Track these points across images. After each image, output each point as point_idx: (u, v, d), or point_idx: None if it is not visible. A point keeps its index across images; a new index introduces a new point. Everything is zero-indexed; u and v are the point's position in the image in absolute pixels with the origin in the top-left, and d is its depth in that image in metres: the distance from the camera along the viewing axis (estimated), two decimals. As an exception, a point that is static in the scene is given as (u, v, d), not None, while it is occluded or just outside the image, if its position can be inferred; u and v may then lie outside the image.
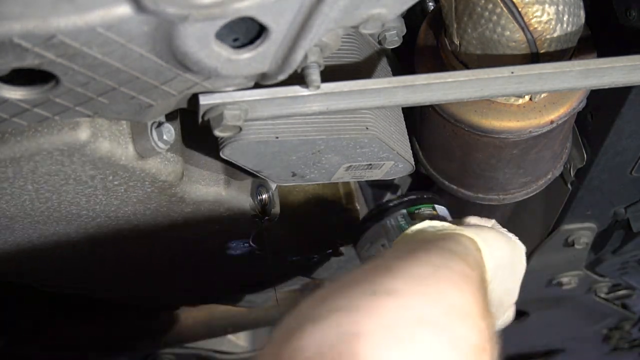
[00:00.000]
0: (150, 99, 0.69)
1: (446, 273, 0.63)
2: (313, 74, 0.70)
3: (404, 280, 0.60)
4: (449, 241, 0.73)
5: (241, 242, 1.07)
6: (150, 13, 0.56)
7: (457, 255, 0.68)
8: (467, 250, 0.72)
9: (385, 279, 0.60)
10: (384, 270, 0.62)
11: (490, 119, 0.95)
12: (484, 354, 0.58)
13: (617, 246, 1.49)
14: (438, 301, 0.59)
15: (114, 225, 0.92)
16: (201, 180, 0.91)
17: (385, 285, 0.59)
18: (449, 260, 0.66)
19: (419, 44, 1.00)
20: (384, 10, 0.67)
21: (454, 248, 0.70)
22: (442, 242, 0.72)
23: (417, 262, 0.64)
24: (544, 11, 0.85)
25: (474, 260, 0.70)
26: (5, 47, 0.55)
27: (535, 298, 1.68)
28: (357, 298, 0.57)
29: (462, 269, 0.65)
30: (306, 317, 0.57)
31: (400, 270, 0.62)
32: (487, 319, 0.61)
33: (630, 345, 2.08)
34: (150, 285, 1.23)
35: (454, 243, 0.72)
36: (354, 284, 0.60)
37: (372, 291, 0.58)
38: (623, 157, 1.16)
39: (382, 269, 0.63)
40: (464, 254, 0.70)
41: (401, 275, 0.61)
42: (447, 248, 0.70)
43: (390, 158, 0.93)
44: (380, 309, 0.56)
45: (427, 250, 0.68)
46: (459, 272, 0.64)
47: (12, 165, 0.74)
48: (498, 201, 1.12)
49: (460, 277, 0.64)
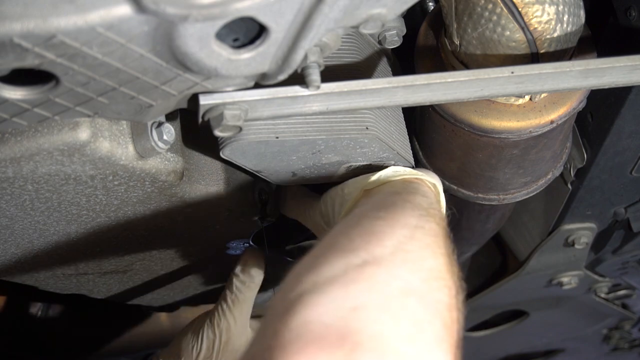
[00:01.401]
0: (151, 99, 0.69)
1: (421, 236, 0.71)
2: (313, 74, 0.70)
3: (387, 246, 0.67)
4: (416, 194, 0.81)
5: (241, 242, 1.07)
6: (150, 13, 0.56)
7: (427, 213, 0.76)
8: (431, 202, 0.81)
9: (371, 245, 0.67)
10: (370, 234, 0.69)
11: (490, 119, 0.95)
12: (453, 310, 0.66)
13: (617, 246, 1.49)
14: (418, 268, 0.67)
15: (114, 225, 0.92)
16: (201, 180, 0.91)
17: (372, 252, 0.66)
18: (423, 221, 0.73)
19: (419, 44, 1.00)
20: (384, 10, 0.67)
21: (422, 203, 0.78)
22: (411, 197, 0.79)
23: (396, 224, 0.71)
24: (544, 11, 0.85)
25: (438, 211, 0.79)
26: (5, 47, 0.55)
27: (535, 298, 1.68)
28: (349, 268, 0.64)
29: (432, 227, 0.73)
30: (304, 288, 0.62)
31: (383, 234, 0.69)
32: (453, 275, 0.69)
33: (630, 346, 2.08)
34: (150, 285, 1.23)
35: (420, 196, 0.81)
36: (343, 248, 0.67)
37: (363, 260, 0.65)
38: (623, 157, 1.16)
39: (367, 231, 0.70)
40: (431, 208, 0.78)
41: (385, 241, 0.68)
42: (417, 204, 0.78)
43: (391, 158, 0.93)
44: (371, 280, 0.63)
45: (403, 209, 0.75)
46: (431, 233, 0.72)
47: (12, 165, 0.74)
48: (498, 201, 1.12)
49: (433, 238, 0.72)
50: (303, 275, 0.65)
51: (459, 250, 1.37)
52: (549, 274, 1.55)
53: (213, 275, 1.26)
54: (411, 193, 0.81)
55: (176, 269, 1.14)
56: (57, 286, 1.11)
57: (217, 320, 1.02)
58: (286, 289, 0.64)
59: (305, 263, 0.67)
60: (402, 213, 0.74)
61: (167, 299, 1.33)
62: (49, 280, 1.07)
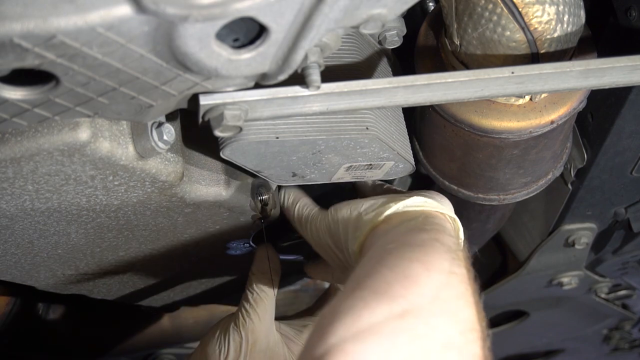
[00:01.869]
0: (151, 99, 0.69)
1: (456, 283, 0.70)
2: (313, 74, 0.70)
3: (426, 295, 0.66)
4: (444, 234, 0.78)
5: (241, 242, 1.07)
6: (151, 13, 0.56)
7: (457, 255, 0.74)
8: (458, 242, 0.80)
9: (410, 293, 0.66)
10: (407, 280, 0.68)
11: (491, 119, 0.95)
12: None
13: (618, 246, 1.49)
14: (455, 320, 0.66)
15: (114, 225, 0.92)
16: (201, 181, 0.91)
17: (412, 301, 0.65)
18: (455, 266, 0.72)
19: (419, 44, 1.00)
20: (384, 11, 0.67)
21: (451, 244, 0.76)
22: (440, 236, 0.77)
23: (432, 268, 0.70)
24: (544, 11, 0.85)
25: (464, 253, 0.77)
26: (5, 47, 0.55)
27: (535, 298, 1.68)
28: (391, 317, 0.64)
29: (464, 274, 0.72)
30: (344, 335, 0.62)
31: (422, 279, 0.68)
32: (482, 322, 0.68)
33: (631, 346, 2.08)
34: (150, 286, 1.23)
35: (448, 236, 0.78)
36: (383, 295, 0.66)
37: (403, 309, 0.64)
38: (623, 157, 1.16)
39: (404, 277, 0.68)
40: (459, 250, 0.76)
41: (423, 288, 0.67)
42: (447, 245, 0.75)
43: (391, 158, 0.93)
44: (413, 332, 0.63)
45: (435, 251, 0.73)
46: (464, 280, 0.71)
47: (12, 166, 0.74)
48: (498, 201, 1.12)
49: (465, 286, 0.70)
50: (342, 319, 0.64)
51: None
52: (549, 274, 1.55)
53: (213, 275, 1.26)
54: (439, 232, 0.78)
55: (176, 269, 1.14)
56: (57, 286, 1.10)
57: (241, 322, 1.00)
58: (323, 332, 0.64)
59: (342, 303, 0.66)
60: (436, 256, 0.73)
61: (167, 299, 1.33)
62: (49, 280, 1.07)
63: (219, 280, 1.28)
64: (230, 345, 1.00)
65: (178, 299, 1.35)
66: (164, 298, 1.31)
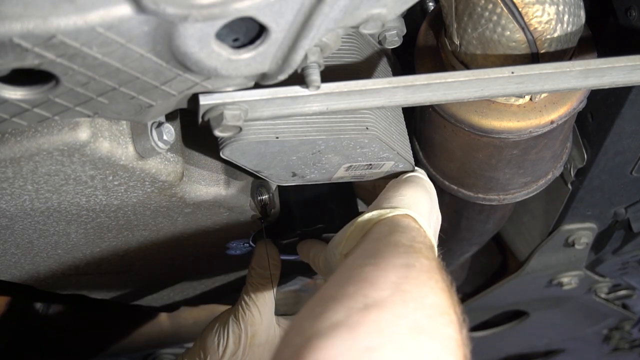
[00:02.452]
0: (150, 99, 0.69)
1: (416, 274, 0.69)
2: (313, 74, 0.70)
3: (384, 289, 0.66)
4: (394, 233, 0.79)
5: (241, 242, 1.07)
6: (150, 13, 0.56)
7: (413, 249, 0.75)
8: (412, 236, 0.79)
9: (368, 290, 0.66)
10: (363, 281, 0.67)
11: (491, 119, 0.95)
12: (462, 346, 0.65)
13: (618, 246, 1.49)
14: (420, 305, 0.65)
15: (114, 225, 0.92)
16: (201, 181, 0.91)
17: (371, 296, 0.64)
18: (411, 258, 0.72)
19: (419, 44, 1.00)
20: (384, 10, 0.67)
21: (402, 240, 0.77)
22: (391, 237, 0.78)
23: (385, 266, 0.70)
24: (544, 11, 0.85)
25: (422, 244, 0.77)
26: (5, 47, 0.55)
27: (535, 298, 1.68)
28: (352, 312, 0.62)
29: (424, 263, 0.72)
30: (310, 333, 0.61)
31: (376, 279, 0.67)
32: (456, 309, 0.68)
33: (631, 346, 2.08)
34: (150, 285, 1.23)
35: (399, 233, 0.79)
36: (341, 296, 0.65)
37: (364, 304, 0.63)
38: (623, 157, 1.16)
39: (360, 278, 0.68)
40: (414, 242, 0.77)
41: (380, 284, 0.66)
42: (398, 243, 0.76)
43: (391, 158, 0.93)
44: (378, 322, 0.62)
45: (387, 251, 0.74)
46: (425, 269, 0.71)
47: (12, 165, 0.74)
48: (498, 201, 1.12)
49: (428, 274, 0.70)
50: (304, 325, 0.63)
51: (459, 251, 1.38)
52: (549, 274, 1.55)
53: (213, 275, 1.26)
54: (390, 233, 0.79)
55: (176, 269, 1.14)
56: (57, 286, 1.11)
57: (241, 314, 1.01)
58: (289, 338, 0.63)
59: (303, 314, 0.66)
60: (388, 255, 0.73)
61: (167, 299, 1.33)
62: (49, 280, 1.07)
63: (219, 280, 1.28)
64: (230, 338, 1.00)
65: (178, 299, 1.35)
66: (164, 298, 1.31)
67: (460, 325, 0.66)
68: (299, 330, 0.63)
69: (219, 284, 1.30)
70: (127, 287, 1.19)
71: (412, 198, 0.89)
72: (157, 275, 1.16)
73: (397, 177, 0.96)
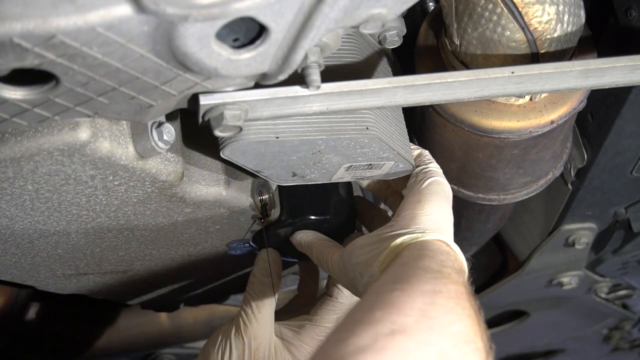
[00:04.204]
0: (151, 99, 0.69)
1: (443, 300, 0.69)
2: (313, 74, 0.70)
3: (410, 315, 0.66)
4: (423, 258, 0.78)
5: (241, 242, 1.07)
6: (150, 13, 0.56)
7: (441, 274, 0.74)
8: (441, 260, 0.78)
9: (394, 316, 0.66)
10: (390, 306, 0.68)
11: (491, 119, 0.95)
12: None
13: (618, 246, 1.49)
14: (446, 333, 0.65)
15: (114, 225, 0.92)
16: (201, 181, 0.91)
17: (397, 322, 0.65)
18: (439, 284, 0.72)
19: (419, 44, 1.00)
20: (384, 10, 0.67)
21: (432, 265, 0.76)
22: (419, 262, 0.77)
23: (412, 292, 0.70)
24: (544, 11, 0.85)
25: (451, 269, 0.77)
26: (5, 47, 0.55)
27: (535, 298, 1.68)
28: (379, 337, 0.63)
29: (451, 289, 0.72)
30: (335, 357, 0.62)
31: (403, 304, 0.68)
32: (483, 336, 0.68)
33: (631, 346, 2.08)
34: (150, 285, 1.23)
35: (428, 258, 0.78)
36: (368, 321, 0.66)
37: (390, 330, 0.64)
38: (623, 157, 1.16)
39: (387, 304, 0.68)
40: (443, 267, 0.76)
41: (406, 311, 0.67)
42: (426, 268, 0.76)
43: (391, 158, 0.93)
44: (403, 348, 0.62)
45: (414, 277, 0.74)
46: (452, 295, 0.71)
47: (12, 166, 0.74)
48: (498, 201, 1.12)
49: (455, 301, 0.70)
50: (330, 349, 0.63)
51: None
52: (549, 274, 1.55)
53: (213, 275, 1.26)
54: (419, 258, 0.79)
55: (176, 269, 1.14)
56: (57, 286, 1.10)
57: (243, 327, 1.00)
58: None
59: (330, 339, 0.66)
60: (415, 281, 0.72)
61: (167, 299, 1.33)
62: (48, 280, 1.07)
63: (219, 280, 1.28)
64: (233, 352, 0.99)
65: (178, 299, 1.35)
66: (164, 298, 1.31)
67: (486, 354, 0.66)
68: (324, 355, 0.64)
69: (219, 284, 1.30)
70: (127, 287, 1.19)
71: (440, 217, 0.88)
72: (157, 275, 1.16)
73: (412, 177, 0.95)
